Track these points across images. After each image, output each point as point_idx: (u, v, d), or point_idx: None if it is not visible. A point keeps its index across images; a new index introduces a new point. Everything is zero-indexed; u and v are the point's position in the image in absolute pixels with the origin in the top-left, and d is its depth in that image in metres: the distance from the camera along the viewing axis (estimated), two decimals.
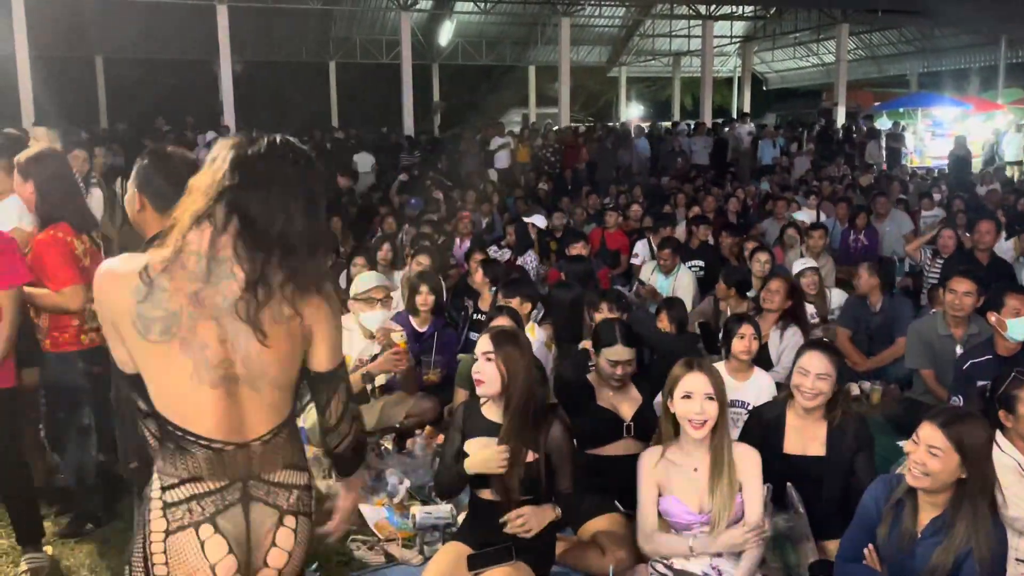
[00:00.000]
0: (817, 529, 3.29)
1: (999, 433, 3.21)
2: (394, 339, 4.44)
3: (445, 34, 24.90)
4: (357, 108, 26.35)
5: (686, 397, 3.00)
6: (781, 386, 4.32)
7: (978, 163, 18.31)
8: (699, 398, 2.98)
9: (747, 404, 4.14)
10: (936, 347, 4.97)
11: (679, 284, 6.98)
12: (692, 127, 18.90)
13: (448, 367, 5.09)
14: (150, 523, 1.80)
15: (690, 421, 2.98)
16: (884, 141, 18.41)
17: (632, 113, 31.16)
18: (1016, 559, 3.02)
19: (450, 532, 3.55)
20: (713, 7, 22.67)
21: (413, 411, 4.68)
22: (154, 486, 1.82)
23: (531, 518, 2.92)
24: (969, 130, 20.04)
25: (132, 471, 2.14)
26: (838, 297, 6.75)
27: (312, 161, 1.90)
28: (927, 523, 2.68)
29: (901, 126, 20.05)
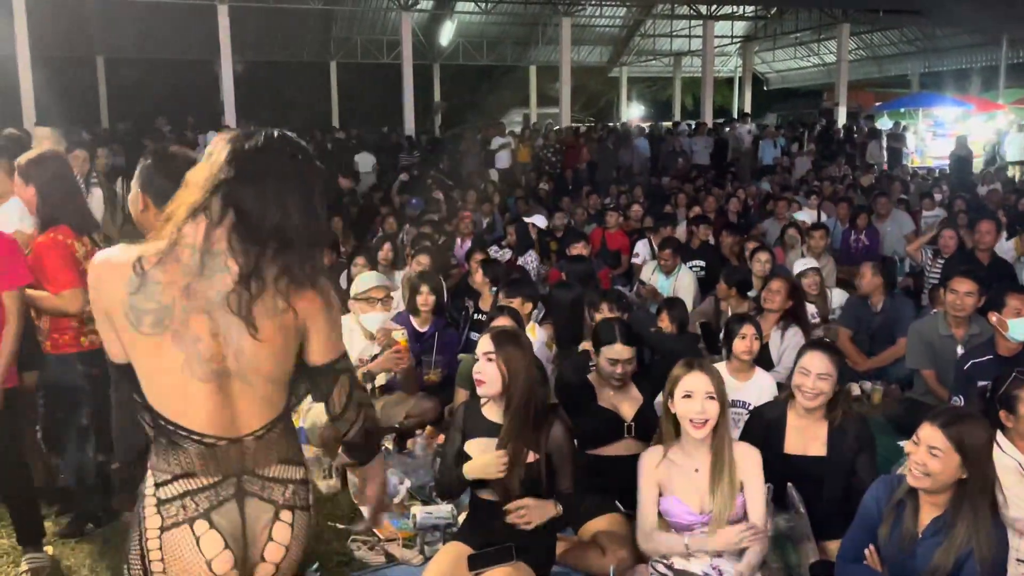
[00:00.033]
0: (818, 529, 3.28)
1: (1000, 433, 3.21)
2: (395, 337, 4.44)
3: (446, 34, 24.92)
4: (358, 108, 26.38)
5: (687, 397, 3.00)
6: (782, 386, 4.32)
7: (979, 163, 18.30)
8: (700, 398, 2.98)
9: (748, 404, 4.13)
10: (937, 347, 4.96)
11: (680, 284, 6.97)
12: (693, 127, 18.88)
13: (449, 367, 5.08)
14: (145, 520, 1.79)
15: (691, 421, 2.98)
16: (885, 141, 18.40)
17: (633, 113, 31.16)
18: (1017, 559, 3.02)
19: (451, 532, 3.54)
20: (714, 7, 22.67)
21: (413, 411, 4.68)
22: (148, 482, 1.81)
23: (532, 511, 2.92)
24: (970, 130, 20.04)
25: (114, 471, 2.12)
26: (839, 297, 6.75)
27: (310, 156, 1.89)
28: (928, 523, 2.68)
29: (902, 126, 20.05)
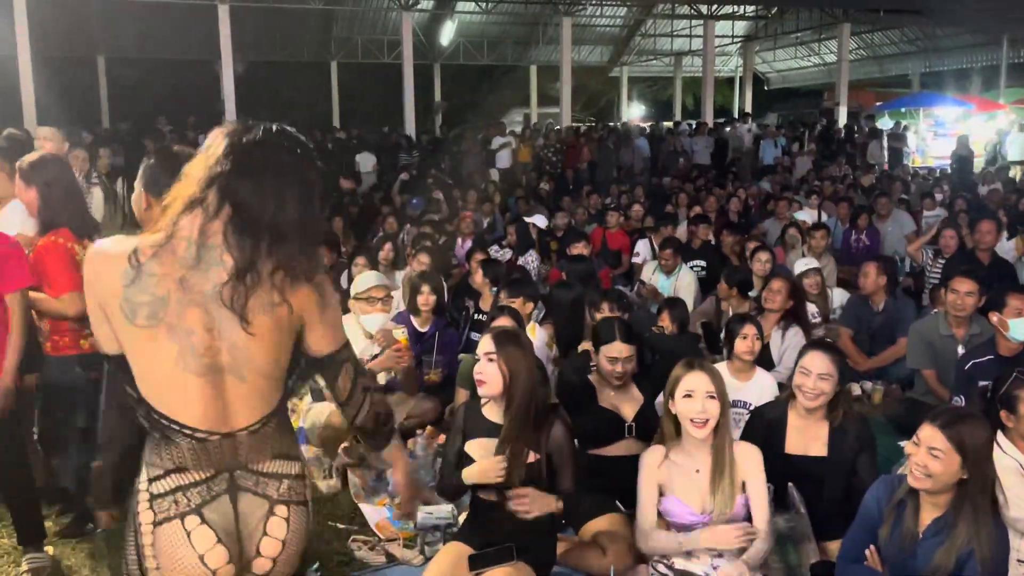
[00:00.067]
0: (819, 530, 3.28)
1: (1000, 434, 3.21)
2: (396, 336, 4.43)
3: (446, 34, 24.90)
4: (358, 108, 26.36)
5: (687, 396, 3.00)
6: (783, 386, 4.31)
7: (980, 163, 18.29)
8: (701, 397, 2.98)
9: (749, 405, 4.13)
10: (938, 347, 4.96)
11: (680, 284, 6.97)
12: (693, 127, 18.87)
13: (449, 367, 5.08)
14: (138, 515, 1.79)
15: (692, 420, 2.98)
16: (886, 141, 18.39)
17: (634, 113, 31.13)
18: (1018, 560, 3.02)
19: (451, 532, 3.54)
20: (714, 7, 22.64)
21: (414, 411, 4.68)
22: (142, 477, 1.81)
23: (534, 501, 2.90)
24: (971, 130, 20.05)
25: (93, 468, 2.07)
26: (840, 296, 6.75)
27: (309, 151, 1.88)
28: (929, 524, 2.68)
29: (903, 126, 20.04)
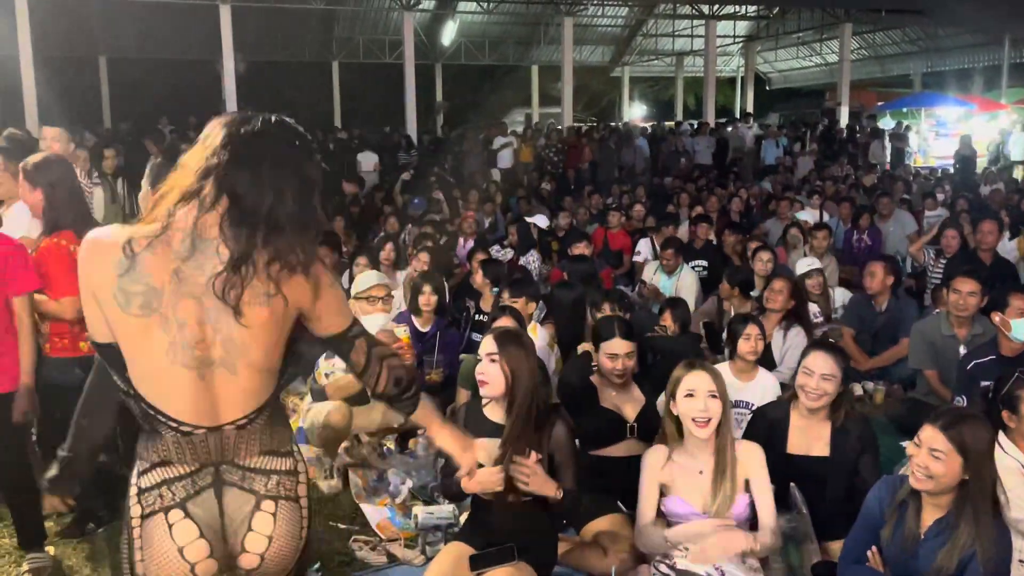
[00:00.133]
0: (820, 530, 3.27)
1: (1002, 434, 3.20)
2: (397, 334, 4.43)
3: (448, 34, 24.88)
4: (360, 108, 26.35)
5: (689, 396, 3.00)
6: (785, 386, 4.31)
7: (983, 162, 18.27)
8: (702, 396, 2.98)
9: (751, 405, 4.12)
10: (939, 347, 4.95)
11: (682, 284, 6.97)
12: (695, 127, 18.87)
13: (450, 367, 5.08)
14: (129, 509, 1.79)
15: (694, 420, 2.98)
16: (887, 141, 18.38)
17: (635, 113, 31.11)
18: (1019, 560, 3.01)
19: (452, 532, 3.54)
20: (716, 7, 22.61)
21: None
22: (133, 471, 1.80)
23: (535, 475, 2.84)
24: (973, 130, 20.01)
25: (60, 457, 2.01)
26: (841, 296, 6.74)
27: (308, 142, 1.87)
28: (930, 524, 2.67)
29: (904, 126, 20.04)
